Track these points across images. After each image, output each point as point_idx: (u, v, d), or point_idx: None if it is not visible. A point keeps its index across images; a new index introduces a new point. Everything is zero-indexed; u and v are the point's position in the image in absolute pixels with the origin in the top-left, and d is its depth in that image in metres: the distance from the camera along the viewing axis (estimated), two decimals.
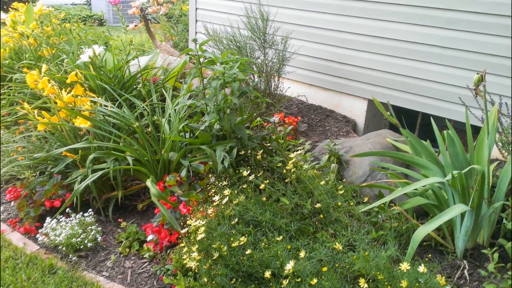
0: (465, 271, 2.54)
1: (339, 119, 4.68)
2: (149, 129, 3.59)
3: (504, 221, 2.63)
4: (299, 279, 2.26)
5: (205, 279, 2.46)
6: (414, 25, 4.09)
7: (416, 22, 4.07)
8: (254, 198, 2.83)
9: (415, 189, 2.76)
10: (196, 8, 6.05)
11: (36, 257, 2.99)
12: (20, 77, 4.73)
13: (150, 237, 3.02)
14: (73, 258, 3.00)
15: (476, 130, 3.03)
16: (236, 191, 2.89)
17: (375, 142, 3.54)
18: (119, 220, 3.33)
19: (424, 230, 2.37)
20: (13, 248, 3.08)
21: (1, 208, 3.57)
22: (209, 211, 2.79)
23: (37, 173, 3.67)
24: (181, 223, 2.94)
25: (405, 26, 4.15)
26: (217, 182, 3.09)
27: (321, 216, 2.80)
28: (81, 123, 3.49)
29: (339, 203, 2.84)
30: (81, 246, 3.05)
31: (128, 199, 3.53)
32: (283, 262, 2.33)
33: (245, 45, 4.50)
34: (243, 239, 2.47)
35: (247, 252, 2.42)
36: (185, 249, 2.69)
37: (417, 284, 2.12)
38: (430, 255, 2.67)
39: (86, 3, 14.64)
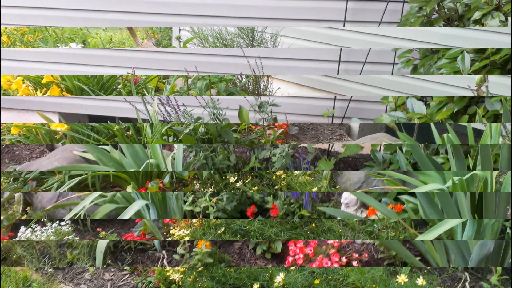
0: (467, 284, 2.54)
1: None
2: (130, 133, 3.57)
3: (508, 230, 2.63)
4: None
5: None
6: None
7: None
8: None
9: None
10: None
11: (10, 269, 2.95)
12: None
13: None
14: (49, 270, 2.96)
15: (478, 133, 3.04)
16: None
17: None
18: (98, 229, 3.29)
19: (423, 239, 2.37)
20: None
21: None
22: (194, 220, 2.78)
23: (11, 179, 3.63)
24: (164, 233, 2.92)
25: None
26: (202, 189, 3.07)
27: (313, 225, 2.79)
28: (58, 126, 3.46)
29: None
30: None
31: None
32: (272, 274, 2.32)
33: (232, 43, 4.48)
34: None
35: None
36: None
37: None
38: (429, 267, 2.67)
39: None
